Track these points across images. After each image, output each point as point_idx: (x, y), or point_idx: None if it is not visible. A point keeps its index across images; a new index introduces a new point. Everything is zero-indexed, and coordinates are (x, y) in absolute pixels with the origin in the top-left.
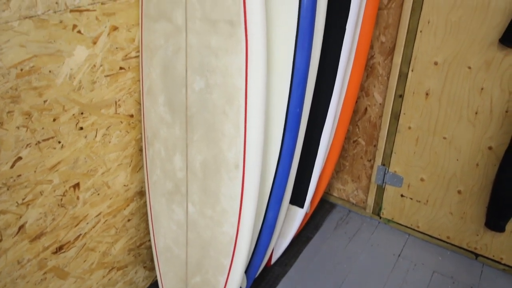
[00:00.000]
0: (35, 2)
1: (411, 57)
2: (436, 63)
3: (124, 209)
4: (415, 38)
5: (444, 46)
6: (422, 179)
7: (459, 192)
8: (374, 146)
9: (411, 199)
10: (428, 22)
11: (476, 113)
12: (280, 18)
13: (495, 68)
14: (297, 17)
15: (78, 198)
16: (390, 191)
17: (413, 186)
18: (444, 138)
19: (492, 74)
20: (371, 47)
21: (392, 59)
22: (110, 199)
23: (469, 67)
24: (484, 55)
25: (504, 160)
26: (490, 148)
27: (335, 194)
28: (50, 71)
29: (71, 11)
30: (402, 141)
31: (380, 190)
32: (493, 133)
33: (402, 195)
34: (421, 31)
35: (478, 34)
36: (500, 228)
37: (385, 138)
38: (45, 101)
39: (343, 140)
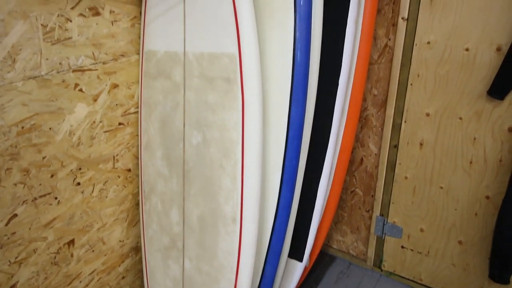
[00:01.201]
0: (39, 63)
1: (404, 108)
2: (428, 114)
3: (119, 265)
4: (406, 90)
5: (434, 98)
6: (421, 230)
7: (460, 242)
8: (372, 196)
9: (412, 250)
10: (418, 76)
11: (470, 162)
12: (275, 74)
13: (485, 119)
14: (291, 73)
15: (72, 255)
16: (390, 243)
17: (413, 237)
18: (441, 187)
19: (483, 124)
20: (364, 99)
21: (385, 110)
22: (105, 255)
23: (460, 118)
24: (474, 106)
25: (502, 210)
26: (487, 197)
27: (334, 246)
28: (50, 128)
29: (74, 71)
30: (399, 191)
31: (380, 242)
32: (489, 182)
33: (402, 247)
34: (411, 84)
35: (466, 87)
36: (504, 280)
37: (382, 188)
38: (44, 158)
39: (340, 190)
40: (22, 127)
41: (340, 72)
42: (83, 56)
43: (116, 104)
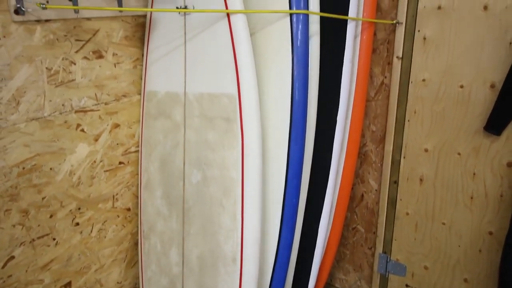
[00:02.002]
0: (42, 105)
1: (402, 144)
2: (426, 150)
3: None
4: (403, 127)
5: (432, 134)
6: (426, 267)
7: (465, 280)
8: (374, 233)
9: None
10: (415, 112)
11: (471, 198)
12: (274, 113)
13: (483, 154)
14: (290, 112)
15: None
16: (394, 281)
17: (417, 275)
18: (443, 223)
19: (481, 160)
20: (363, 135)
21: (383, 146)
22: None
23: (459, 153)
24: (471, 142)
25: (506, 246)
26: (490, 233)
27: (337, 285)
28: (51, 169)
29: (76, 111)
30: (401, 227)
31: (384, 280)
32: (491, 218)
33: (407, 285)
34: (408, 121)
35: (463, 123)
36: None
37: (384, 225)
38: (43, 198)
39: (341, 227)
40: (23, 168)
41: (338, 109)
42: (85, 97)
43: (117, 144)
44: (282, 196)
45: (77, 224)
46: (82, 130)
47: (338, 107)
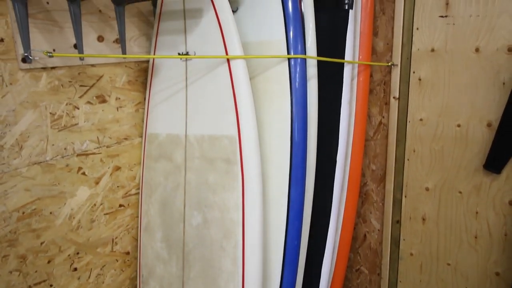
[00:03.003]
0: (45, 149)
1: (403, 183)
2: (427, 189)
3: None
4: (403, 165)
5: (432, 173)
6: None
7: None
8: (378, 274)
9: None
10: (414, 151)
11: (475, 237)
12: (274, 154)
13: (485, 193)
14: (289, 153)
15: None
16: None
17: None
18: (448, 264)
19: (483, 198)
20: (363, 175)
21: (384, 186)
22: None
23: (460, 192)
24: (472, 180)
25: None
26: (497, 274)
27: None
28: (51, 213)
29: (78, 155)
30: (406, 268)
31: None
32: (497, 258)
33: None
34: (408, 159)
35: (462, 161)
36: None
37: (388, 266)
38: (42, 243)
39: (345, 269)
40: (23, 213)
41: (337, 149)
42: (88, 140)
43: (118, 186)
44: (283, 238)
45: (75, 269)
46: (83, 173)
47: (337, 147)
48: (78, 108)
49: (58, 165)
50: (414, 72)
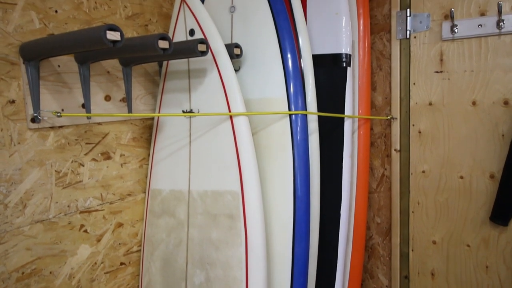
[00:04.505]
0: (48, 207)
1: (409, 236)
2: (434, 242)
3: None
4: (409, 218)
5: (438, 225)
6: None
7: None
8: None
9: None
10: (418, 204)
11: None
12: (277, 209)
13: (494, 246)
14: (293, 208)
15: None
16: None
17: None
18: None
19: (492, 251)
20: (368, 228)
21: (390, 239)
22: None
23: (468, 245)
24: (480, 233)
25: None
26: None
27: None
28: (50, 272)
29: (81, 212)
30: None
31: None
32: None
33: None
34: (413, 212)
35: (468, 213)
36: None
37: None
38: None
39: None
40: (23, 273)
41: (341, 203)
42: (91, 197)
43: (119, 243)
44: None
45: None
46: (85, 231)
47: (341, 201)
48: (83, 165)
49: (61, 223)
50: (413, 125)
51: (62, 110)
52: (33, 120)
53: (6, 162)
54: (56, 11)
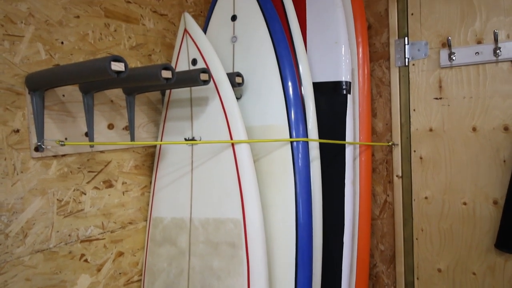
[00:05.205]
0: (49, 236)
1: (414, 264)
2: (440, 270)
3: None
4: (413, 245)
5: (443, 253)
6: None
7: None
8: None
9: None
10: (422, 230)
11: None
12: (279, 236)
13: (500, 274)
14: (295, 235)
15: None
16: None
17: None
18: None
19: (499, 280)
20: (372, 255)
21: (395, 267)
22: None
23: (474, 273)
24: (485, 260)
25: None
26: None
27: None
28: None
29: (82, 241)
30: None
31: None
32: None
33: None
34: (417, 239)
35: (473, 241)
36: None
37: None
38: None
39: None
40: None
41: (343, 230)
42: (92, 226)
43: (120, 273)
44: None
45: None
46: (86, 260)
47: (343, 228)
48: (85, 194)
49: (61, 252)
50: (415, 151)
51: (66, 138)
52: (37, 149)
53: (8, 191)
54: (62, 43)
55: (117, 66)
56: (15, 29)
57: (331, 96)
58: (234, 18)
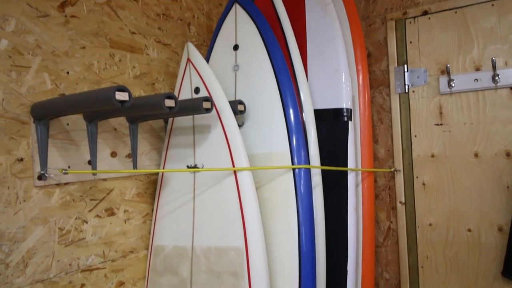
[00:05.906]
0: (50, 265)
1: None
2: None
3: None
4: (418, 273)
5: (449, 281)
6: None
7: None
8: None
9: None
10: (427, 258)
11: None
12: (282, 265)
13: None
14: (298, 264)
15: None
16: None
17: None
18: None
19: None
20: (377, 284)
21: None
22: None
23: None
24: None
25: None
26: None
27: None
28: None
29: (82, 270)
30: None
31: None
32: None
33: None
34: (422, 267)
35: (479, 268)
36: None
37: None
38: None
39: None
40: None
41: (347, 258)
42: (93, 255)
43: None
44: None
45: None
46: None
47: (347, 255)
48: (87, 222)
49: (61, 282)
50: (417, 177)
51: (69, 167)
52: (40, 177)
53: (10, 220)
54: (68, 72)
55: (121, 96)
56: (23, 60)
57: (332, 123)
58: (236, 47)
